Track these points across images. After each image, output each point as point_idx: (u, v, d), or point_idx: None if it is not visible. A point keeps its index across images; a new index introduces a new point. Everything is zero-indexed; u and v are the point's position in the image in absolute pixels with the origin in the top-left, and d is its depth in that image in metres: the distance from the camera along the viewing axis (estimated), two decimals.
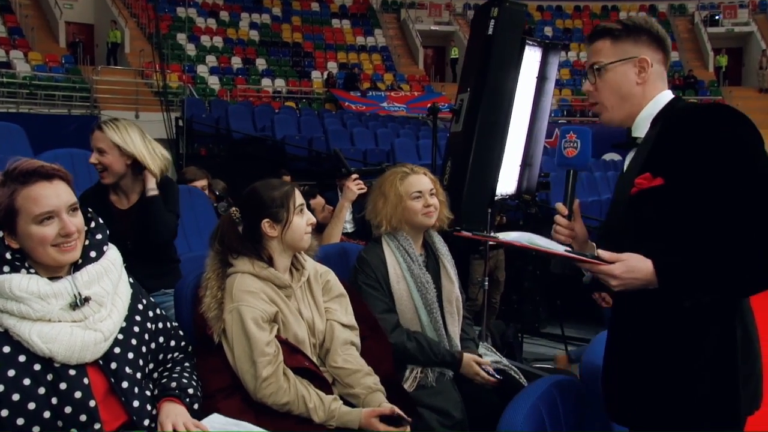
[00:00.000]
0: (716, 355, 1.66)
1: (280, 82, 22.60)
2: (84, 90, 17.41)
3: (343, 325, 2.29)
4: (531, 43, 5.34)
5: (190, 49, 22.55)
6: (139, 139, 2.90)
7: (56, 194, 1.74)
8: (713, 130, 1.62)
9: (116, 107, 15.96)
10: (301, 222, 2.23)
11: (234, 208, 2.24)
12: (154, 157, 2.93)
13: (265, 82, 22.41)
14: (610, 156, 16.93)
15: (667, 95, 1.83)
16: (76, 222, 1.76)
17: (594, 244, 1.87)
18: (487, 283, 5.51)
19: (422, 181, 2.68)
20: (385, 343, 2.40)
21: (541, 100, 5.55)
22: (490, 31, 4.28)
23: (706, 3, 27.31)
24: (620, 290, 1.68)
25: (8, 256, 1.71)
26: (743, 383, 1.67)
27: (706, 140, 1.61)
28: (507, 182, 5.50)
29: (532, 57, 5.36)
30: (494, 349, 2.91)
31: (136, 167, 2.88)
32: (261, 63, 23.36)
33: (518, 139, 5.50)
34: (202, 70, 21.85)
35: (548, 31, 27.06)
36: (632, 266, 1.65)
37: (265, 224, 2.20)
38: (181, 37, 22.71)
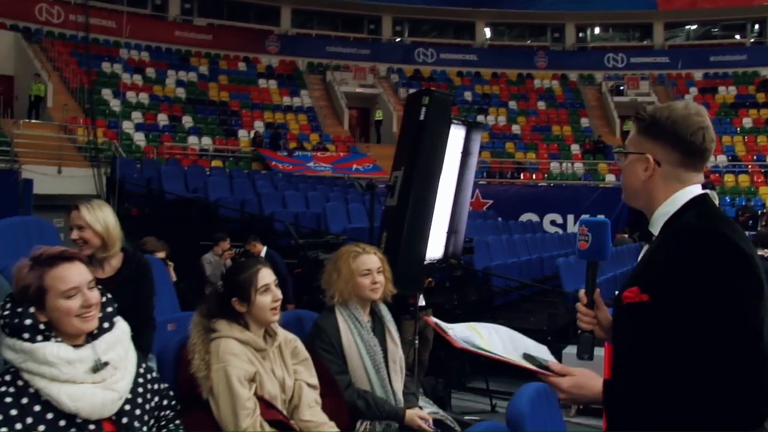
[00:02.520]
0: None
1: (206, 140, 22.78)
2: (4, 143, 17.12)
3: (309, 385, 2.68)
4: (456, 122, 5.94)
5: (115, 105, 22.46)
6: (111, 218, 3.26)
7: (78, 273, 2.08)
8: (706, 270, 1.58)
9: (38, 162, 15.74)
10: (266, 300, 2.62)
11: (221, 283, 2.64)
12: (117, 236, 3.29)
13: (192, 139, 22.54)
14: (527, 216, 17.86)
15: (684, 195, 1.76)
16: (94, 295, 2.10)
17: None
18: (417, 342, 5.94)
19: (372, 260, 3.13)
20: (341, 399, 2.81)
21: (465, 172, 6.13)
22: (422, 117, 4.81)
23: (612, 74, 29.33)
24: (567, 402, 1.78)
25: (41, 327, 2.04)
26: None
27: (697, 277, 1.58)
28: (435, 247, 6.01)
29: (457, 135, 5.96)
30: (431, 402, 3.34)
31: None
32: (187, 121, 23.48)
33: (445, 208, 6.04)
34: (127, 126, 21.75)
35: (468, 95, 28.34)
36: (581, 383, 1.72)
37: (234, 302, 2.61)
38: (107, 93, 22.69)
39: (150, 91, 24.24)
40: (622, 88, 28.09)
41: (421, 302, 6.51)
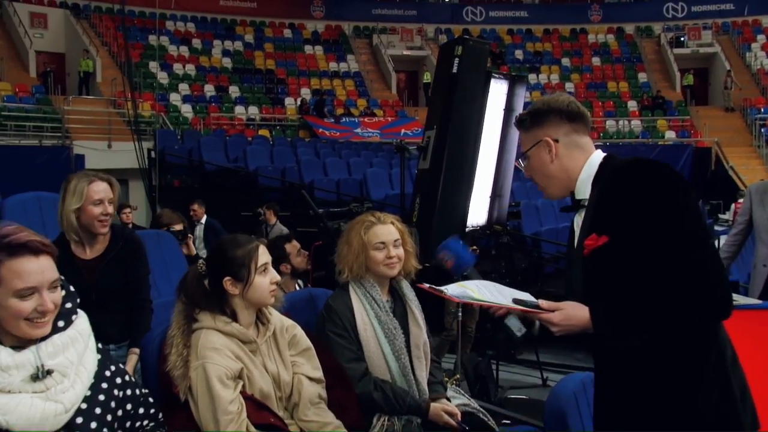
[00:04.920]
0: (714, 385, 1.73)
1: (253, 110, 22.62)
2: (55, 120, 17.24)
3: (311, 379, 2.30)
4: (497, 76, 5.45)
5: (163, 78, 22.55)
6: None
7: (41, 270, 1.71)
8: (645, 191, 1.74)
9: (88, 137, 15.83)
10: (264, 281, 2.24)
11: (201, 261, 2.26)
12: None
13: (239, 109, 22.42)
14: None
15: (597, 157, 1.95)
16: (54, 298, 1.74)
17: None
18: (461, 313, 5.56)
19: (388, 230, 2.69)
20: (352, 392, 2.42)
21: (508, 131, 5.65)
22: (455, 69, 4.36)
23: (672, 25, 27.88)
24: (561, 334, 1.84)
25: None
26: (743, 409, 1.76)
27: (640, 200, 1.74)
28: (478, 213, 5.58)
29: (498, 90, 5.47)
30: (462, 391, 2.93)
31: None
32: (234, 90, 23.37)
33: (487, 171, 5.59)
34: (174, 98, 21.79)
35: (519, 54, 27.43)
36: (570, 314, 1.81)
37: (227, 282, 2.22)
38: (153, 65, 22.71)
39: (196, 62, 24.23)
40: (682, 39, 26.66)
41: None
